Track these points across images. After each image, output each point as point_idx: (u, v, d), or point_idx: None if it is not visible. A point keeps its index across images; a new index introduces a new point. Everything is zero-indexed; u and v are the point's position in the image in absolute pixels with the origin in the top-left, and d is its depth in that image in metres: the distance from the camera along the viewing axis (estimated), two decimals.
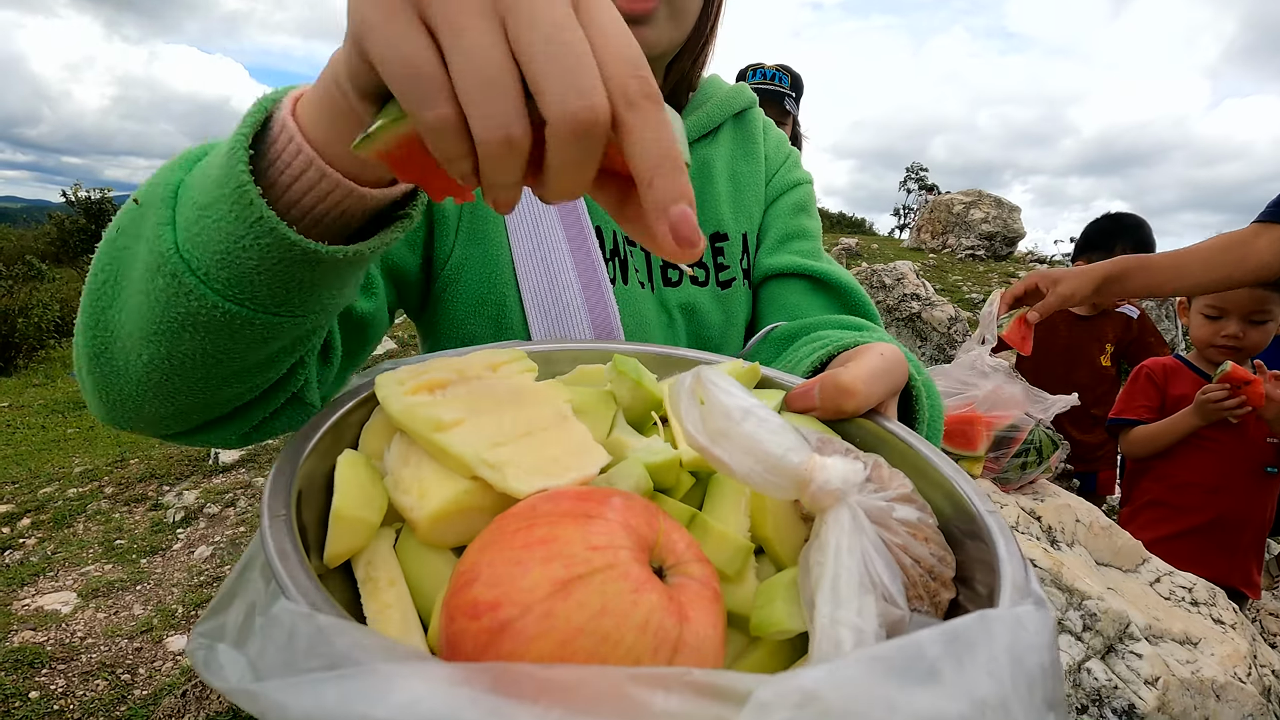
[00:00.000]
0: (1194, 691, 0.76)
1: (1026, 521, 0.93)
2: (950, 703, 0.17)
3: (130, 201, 0.36)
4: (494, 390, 0.34)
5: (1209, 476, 1.46)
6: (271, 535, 0.26)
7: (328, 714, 0.17)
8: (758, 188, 0.74)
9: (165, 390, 0.37)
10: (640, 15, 0.57)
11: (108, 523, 2.84)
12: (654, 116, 0.25)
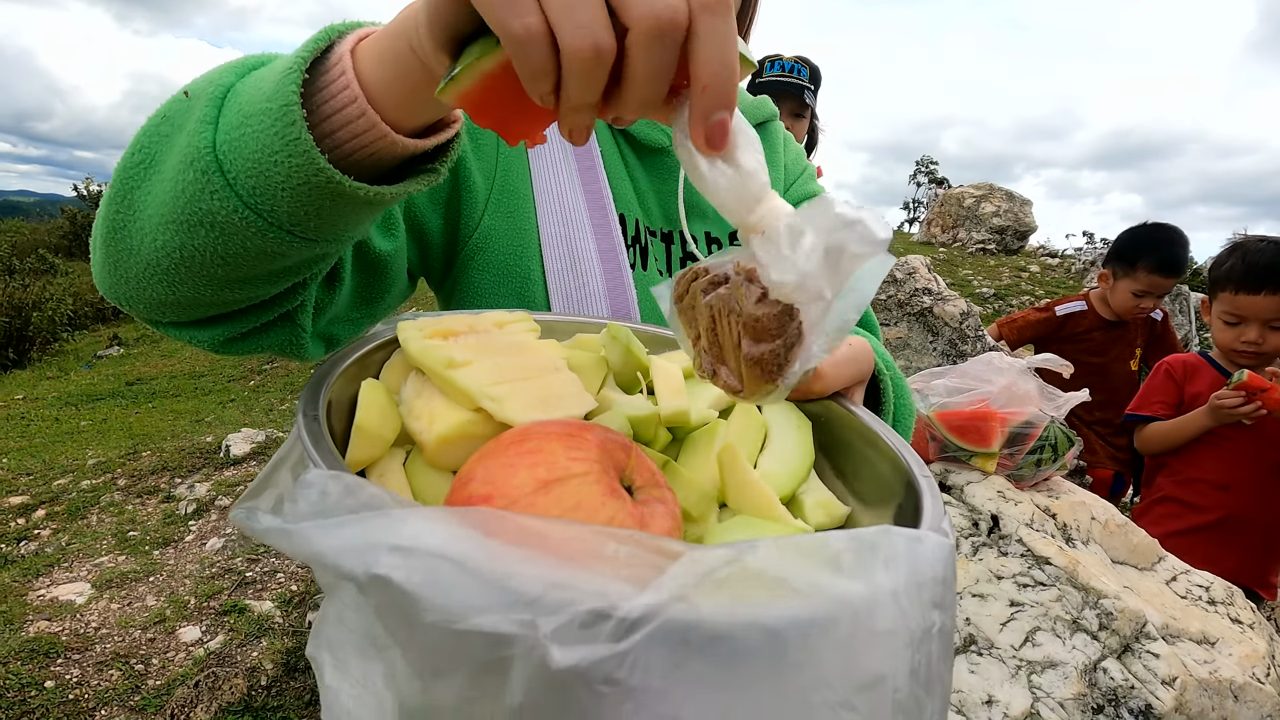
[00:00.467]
0: (1212, 692, 0.75)
1: (1041, 519, 0.92)
2: (847, 581, 0.20)
3: (180, 92, 0.37)
4: (499, 341, 0.38)
5: (1221, 474, 1.45)
6: (305, 427, 0.30)
7: (350, 545, 0.21)
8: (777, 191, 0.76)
9: (170, 277, 0.38)
10: None
11: (121, 514, 2.86)
12: (725, 24, 0.26)
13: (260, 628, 2.11)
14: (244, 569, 2.39)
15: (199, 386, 4.99)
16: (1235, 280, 1.47)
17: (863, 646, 0.20)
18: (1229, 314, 1.49)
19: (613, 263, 0.63)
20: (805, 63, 1.99)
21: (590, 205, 0.64)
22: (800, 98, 1.96)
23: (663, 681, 0.18)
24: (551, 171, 0.64)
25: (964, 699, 0.74)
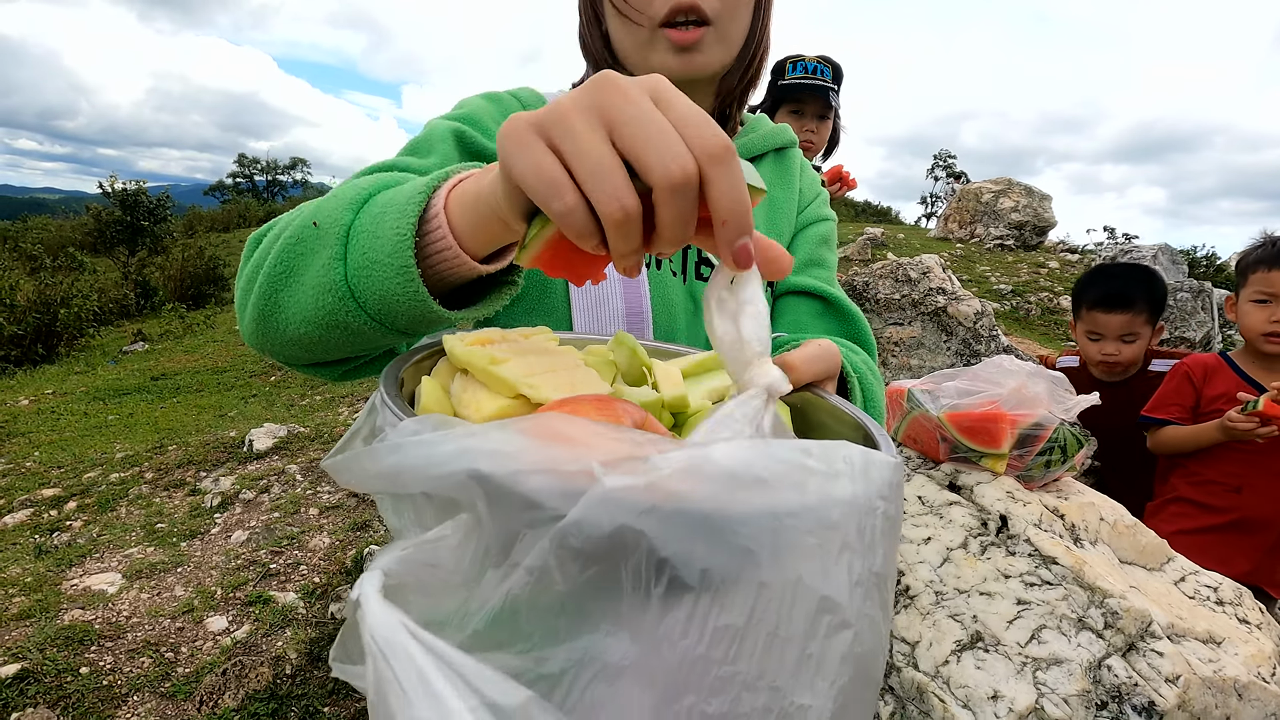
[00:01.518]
0: (1216, 690, 0.77)
1: (1050, 519, 0.94)
2: (812, 461, 0.27)
3: (309, 221, 0.49)
4: (527, 345, 0.45)
5: (1234, 476, 1.45)
6: (390, 398, 0.37)
7: (452, 451, 0.27)
8: (790, 215, 0.85)
9: (306, 347, 0.51)
10: (690, 44, 0.67)
11: (149, 507, 2.94)
12: (731, 169, 0.32)
13: (285, 618, 2.16)
14: (268, 561, 2.45)
15: (221, 382, 5.08)
16: (1268, 260, 1.47)
17: (824, 507, 0.26)
18: (1260, 293, 1.49)
19: None
20: (828, 62, 1.98)
21: None
22: (825, 99, 1.95)
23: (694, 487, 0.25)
24: None
25: (970, 694, 0.76)
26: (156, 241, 14.03)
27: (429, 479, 0.27)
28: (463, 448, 0.27)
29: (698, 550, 0.25)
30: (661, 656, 0.25)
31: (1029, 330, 6.84)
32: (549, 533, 0.25)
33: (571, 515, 0.24)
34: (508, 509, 0.26)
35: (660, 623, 0.25)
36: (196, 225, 17.40)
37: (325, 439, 3.42)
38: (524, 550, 0.25)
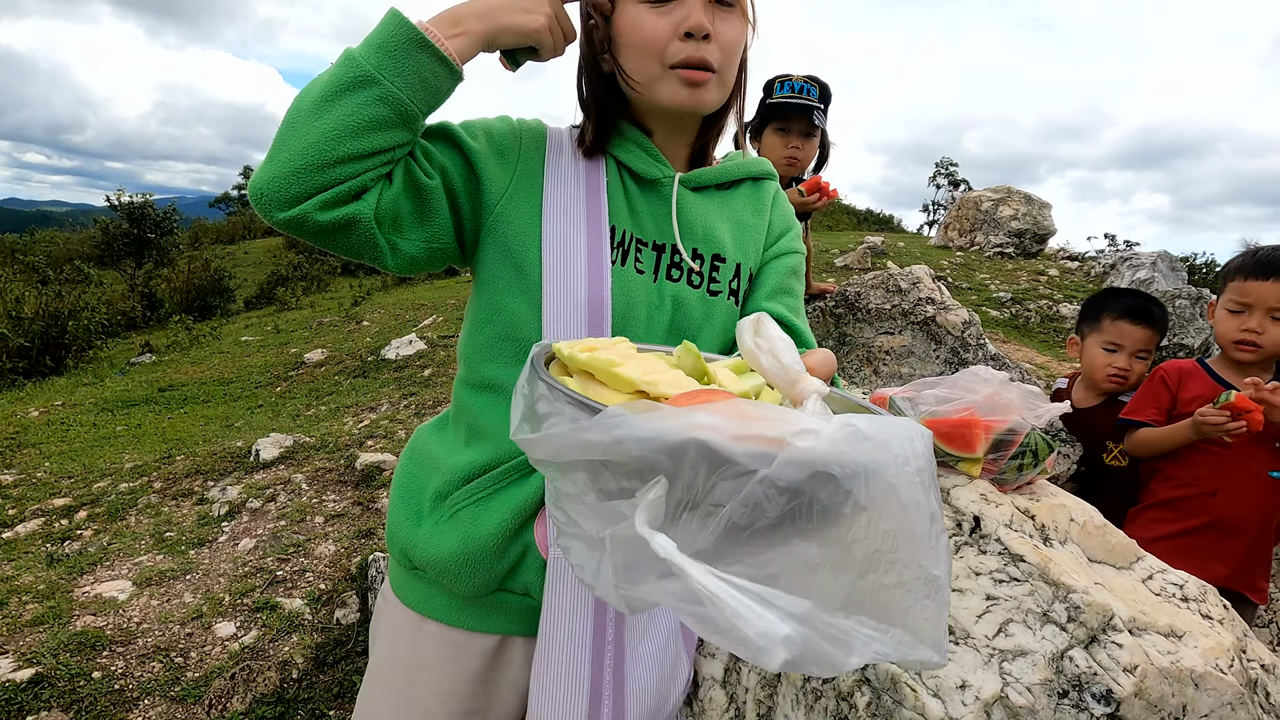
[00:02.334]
0: (1172, 679, 0.81)
1: (1020, 520, 0.99)
2: (900, 430, 0.41)
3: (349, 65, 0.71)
4: (625, 351, 0.57)
5: (1210, 480, 1.49)
6: (555, 389, 0.46)
7: (673, 425, 0.38)
8: (758, 238, 0.95)
9: (322, 145, 0.69)
10: (699, 83, 0.79)
11: (157, 516, 3.00)
12: None
13: (291, 624, 2.21)
14: (275, 568, 2.50)
15: (228, 393, 5.15)
16: (1245, 269, 1.51)
17: (916, 457, 0.41)
18: (1235, 301, 1.53)
19: (596, 255, 0.81)
20: (815, 82, 2.03)
21: (589, 215, 0.83)
22: (809, 119, 2.01)
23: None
24: (563, 187, 0.84)
25: (940, 684, 0.81)
26: (163, 254, 14.17)
27: (656, 447, 0.38)
28: (686, 423, 0.38)
29: (864, 485, 0.38)
30: (851, 553, 0.39)
31: (1028, 338, 6.87)
32: (756, 479, 0.37)
33: (775, 467, 0.37)
34: (718, 467, 0.38)
35: (849, 531, 0.39)
36: (202, 237, 17.55)
37: (330, 448, 3.48)
38: (728, 493, 0.38)
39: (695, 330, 0.88)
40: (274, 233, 18.26)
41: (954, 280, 8.17)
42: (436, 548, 0.84)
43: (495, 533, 0.82)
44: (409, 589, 0.90)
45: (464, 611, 0.87)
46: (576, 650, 0.82)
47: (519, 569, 0.85)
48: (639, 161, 0.86)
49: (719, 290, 0.90)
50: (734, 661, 1.01)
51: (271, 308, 9.98)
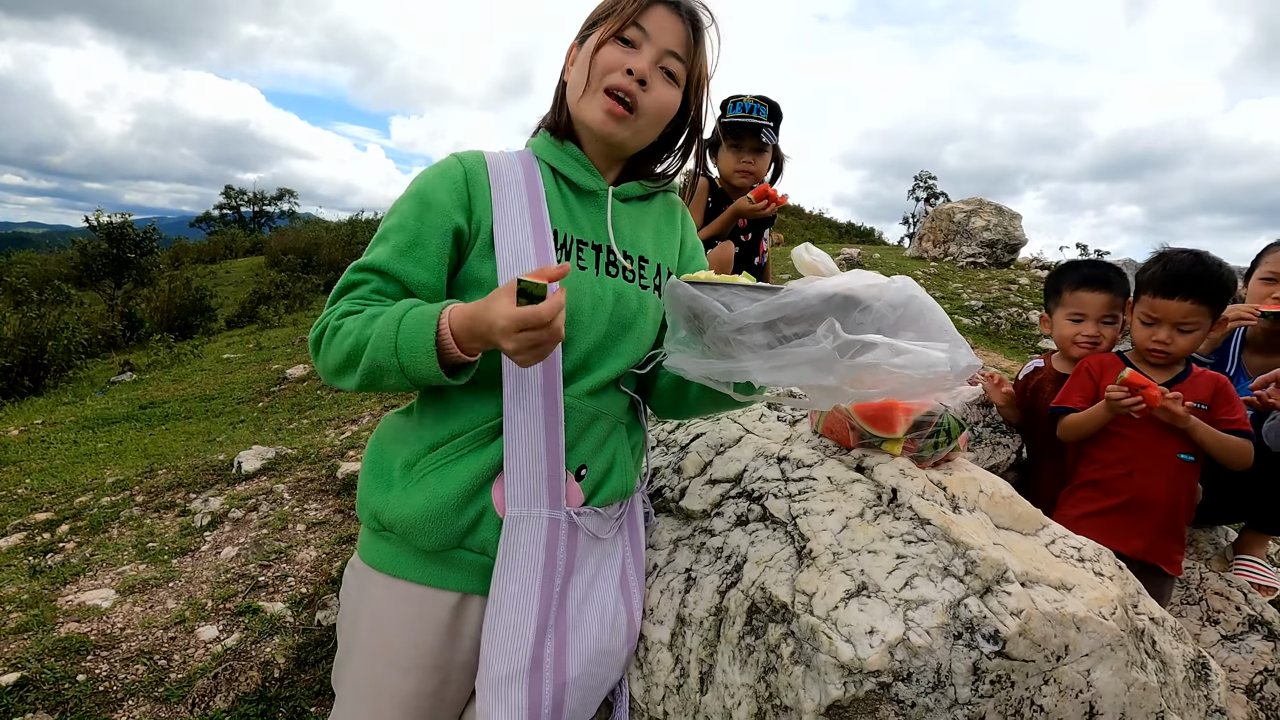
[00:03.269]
0: (1055, 623, 0.92)
1: (932, 490, 1.09)
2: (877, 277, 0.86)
3: (372, 362, 0.87)
4: (722, 275, 0.93)
5: (1125, 462, 1.61)
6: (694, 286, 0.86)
7: (823, 288, 0.81)
8: (674, 247, 1.14)
9: (361, 387, 0.91)
10: (616, 115, 0.97)
11: (140, 528, 3.04)
12: None
13: (273, 626, 2.27)
14: (257, 574, 2.56)
15: (210, 409, 5.18)
16: (1154, 285, 1.64)
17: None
18: (1146, 314, 1.66)
19: (544, 255, 0.96)
20: (765, 101, 2.19)
21: (534, 221, 0.97)
22: (758, 136, 2.17)
23: None
24: (510, 206, 0.98)
25: (852, 631, 0.91)
26: (143, 273, 14.10)
27: (821, 296, 0.77)
28: (830, 283, 0.79)
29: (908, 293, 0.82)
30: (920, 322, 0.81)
31: (998, 343, 7.06)
32: (879, 301, 0.80)
33: (889, 293, 0.81)
34: (856, 302, 0.78)
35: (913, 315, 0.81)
36: (183, 257, 17.48)
37: (312, 459, 3.54)
38: (866, 313, 0.80)
39: (632, 318, 1.03)
40: (256, 252, 18.23)
41: (928, 289, 8.36)
42: (404, 507, 0.95)
43: (457, 491, 0.94)
44: (376, 551, 1.00)
45: (427, 568, 0.97)
46: (526, 597, 0.92)
47: (477, 528, 0.95)
48: (577, 174, 1.03)
49: (647, 286, 1.06)
50: (679, 626, 1.11)
51: (254, 326, 9.99)
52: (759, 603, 1.02)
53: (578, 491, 1.00)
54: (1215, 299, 1.60)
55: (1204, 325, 1.62)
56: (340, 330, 0.90)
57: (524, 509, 0.95)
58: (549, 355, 0.89)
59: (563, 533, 0.97)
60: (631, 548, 1.10)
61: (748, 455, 1.30)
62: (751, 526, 1.16)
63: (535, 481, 0.95)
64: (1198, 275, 1.58)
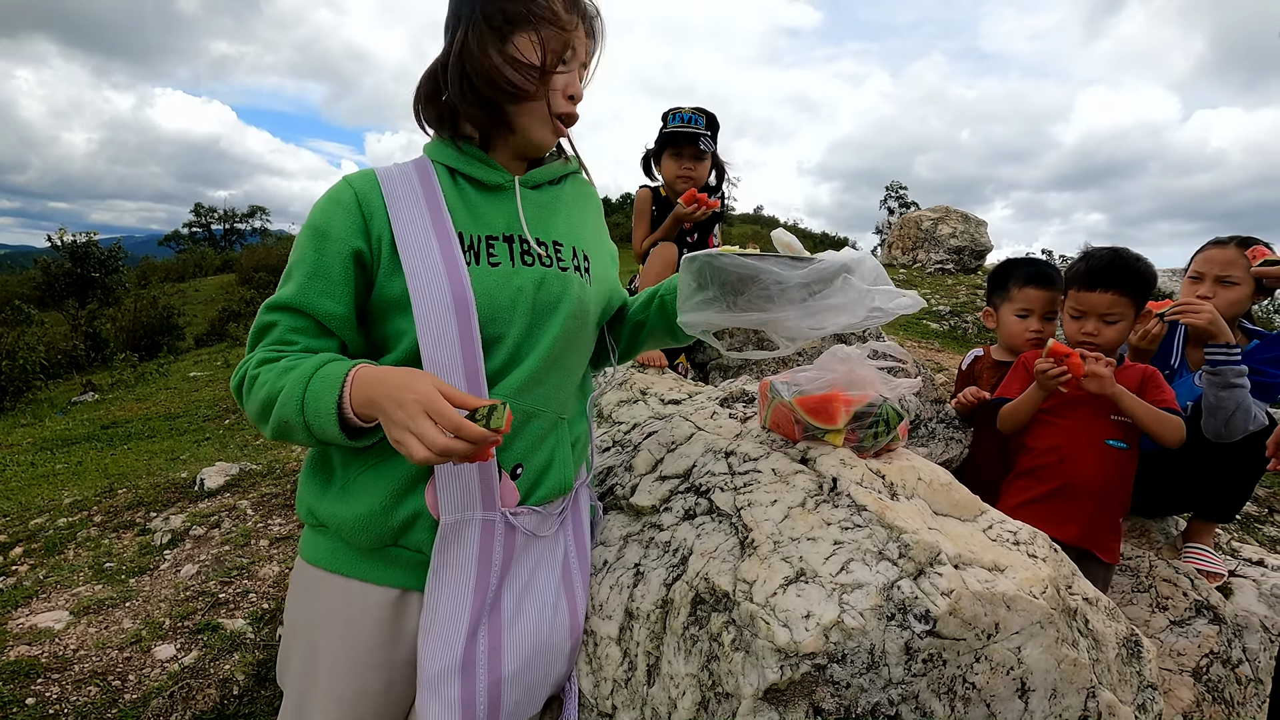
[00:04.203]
0: (985, 602, 0.94)
1: (871, 479, 1.12)
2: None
3: (281, 420, 0.89)
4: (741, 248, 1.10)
5: (1058, 450, 1.66)
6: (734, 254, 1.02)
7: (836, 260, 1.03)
8: (592, 222, 1.17)
9: (274, 438, 0.93)
10: (560, 134, 1.05)
11: (97, 548, 2.97)
12: None
13: (233, 643, 2.23)
14: (217, 591, 2.51)
15: (174, 427, 5.08)
16: (1079, 280, 1.71)
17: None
18: (1074, 308, 1.73)
19: (451, 260, 0.95)
20: (702, 112, 2.34)
21: (437, 231, 0.97)
22: (697, 145, 2.30)
23: None
24: (410, 221, 0.97)
25: (789, 616, 0.92)
26: (108, 293, 13.82)
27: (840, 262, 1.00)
28: (842, 255, 1.02)
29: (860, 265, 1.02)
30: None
31: (965, 347, 7.18)
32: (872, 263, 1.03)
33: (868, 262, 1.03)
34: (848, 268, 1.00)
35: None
36: (151, 275, 17.17)
37: (277, 474, 3.49)
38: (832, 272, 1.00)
39: (556, 301, 1.04)
40: (227, 269, 17.97)
41: None
42: (338, 506, 0.96)
43: (387, 492, 0.95)
44: (315, 547, 1.01)
45: (364, 564, 0.97)
46: (459, 598, 0.92)
47: (411, 529, 0.95)
48: (481, 172, 1.04)
49: (566, 268, 1.07)
50: (628, 620, 1.11)
51: (223, 344, 9.83)
52: (703, 593, 1.03)
53: (513, 490, 1.00)
54: (1135, 290, 1.67)
55: (1128, 316, 1.69)
56: (257, 380, 0.90)
57: (458, 514, 0.95)
58: (464, 366, 0.93)
59: (498, 533, 0.97)
60: (575, 541, 1.11)
61: (698, 451, 1.32)
62: (699, 520, 1.17)
63: (467, 484, 0.95)
64: (1117, 268, 1.66)
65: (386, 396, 0.81)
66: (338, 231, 0.94)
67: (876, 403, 1.19)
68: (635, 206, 2.45)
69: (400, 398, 0.79)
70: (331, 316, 0.94)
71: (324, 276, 0.93)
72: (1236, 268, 1.92)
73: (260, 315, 0.95)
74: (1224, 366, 1.71)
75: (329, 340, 0.96)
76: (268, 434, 0.91)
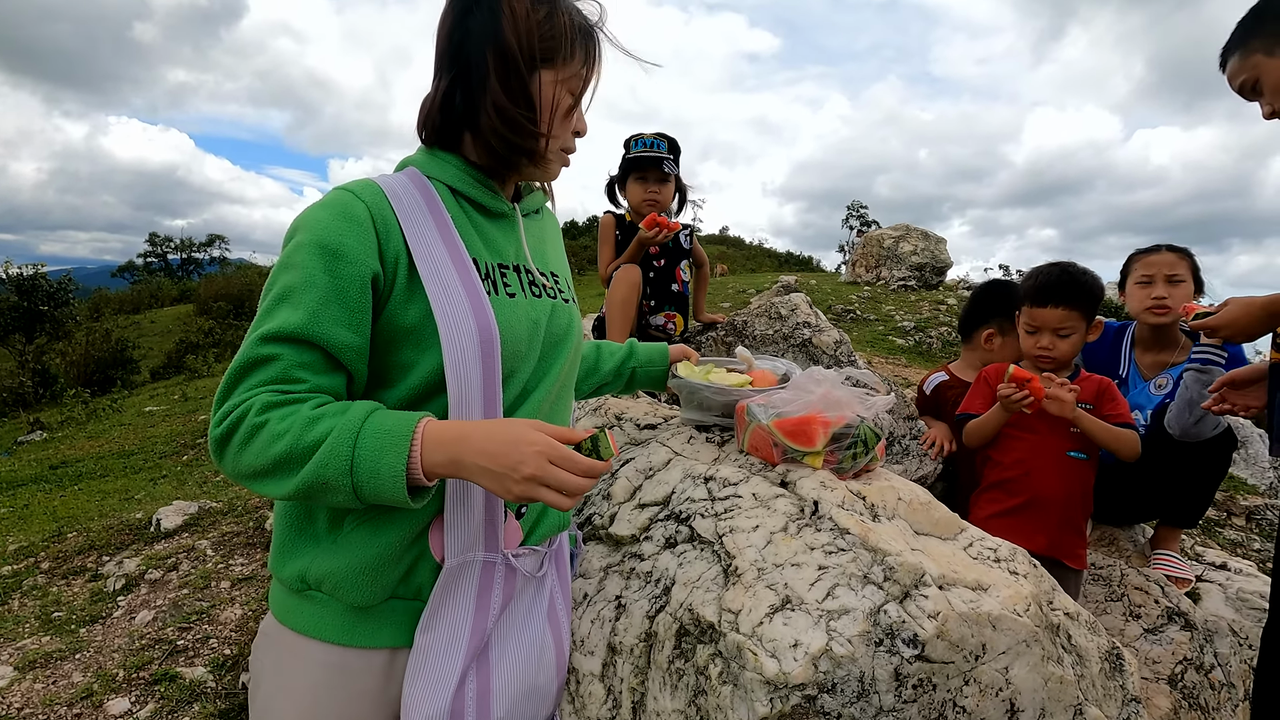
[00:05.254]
0: (971, 623, 0.93)
1: (852, 500, 1.11)
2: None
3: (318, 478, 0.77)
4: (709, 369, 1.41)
5: (1022, 463, 1.71)
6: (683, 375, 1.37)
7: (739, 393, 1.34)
8: (562, 252, 1.16)
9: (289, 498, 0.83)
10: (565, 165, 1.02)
11: (45, 597, 2.81)
12: None
13: (193, 693, 2.12)
14: (175, 638, 2.39)
15: (129, 465, 4.88)
16: (1030, 297, 1.77)
17: None
18: (1028, 324, 1.79)
19: (472, 289, 0.89)
20: (664, 137, 2.40)
21: (451, 253, 0.90)
22: (661, 168, 2.36)
23: None
24: (426, 243, 0.89)
25: (777, 646, 0.90)
26: (58, 326, 13.33)
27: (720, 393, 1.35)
28: (742, 393, 1.33)
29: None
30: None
31: (931, 362, 7.32)
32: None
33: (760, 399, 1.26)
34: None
35: None
36: (103, 308, 16.61)
37: (238, 512, 3.36)
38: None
39: (563, 334, 1.02)
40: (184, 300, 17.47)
41: (862, 312, 8.64)
42: (335, 560, 0.87)
43: (395, 541, 0.88)
44: (299, 613, 0.91)
45: (356, 628, 0.89)
46: (453, 645, 0.88)
47: (413, 573, 0.90)
48: (484, 197, 0.97)
49: (568, 299, 1.06)
50: (610, 656, 1.08)
51: (180, 376, 9.53)
52: (687, 624, 1.01)
53: (516, 530, 0.96)
54: (1084, 303, 1.73)
55: (1079, 329, 1.74)
56: (264, 430, 0.76)
57: (461, 555, 0.90)
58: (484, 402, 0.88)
59: (498, 576, 0.93)
60: (558, 578, 1.07)
61: (675, 477, 1.30)
62: (680, 548, 1.15)
63: (473, 527, 0.90)
64: (1064, 284, 1.72)
65: (493, 456, 0.75)
66: (354, 252, 0.83)
67: (854, 423, 1.19)
68: (600, 232, 2.48)
69: (519, 455, 0.75)
70: (346, 348, 0.83)
71: (339, 302, 0.82)
72: (1180, 267, 2.05)
73: (251, 348, 0.81)
74: (1212, 365, 1.77)
75: (337, 375, 0.85)
76: (282, 492, 0.77)
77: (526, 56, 0.90)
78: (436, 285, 0.86)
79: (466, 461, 0.76)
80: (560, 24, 0.91)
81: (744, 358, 1.47)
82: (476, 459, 0.75)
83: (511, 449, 0.75)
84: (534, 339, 0.96)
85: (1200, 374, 1.79)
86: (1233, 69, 1.32)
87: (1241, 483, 4.05)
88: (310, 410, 0.78)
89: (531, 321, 0.95)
